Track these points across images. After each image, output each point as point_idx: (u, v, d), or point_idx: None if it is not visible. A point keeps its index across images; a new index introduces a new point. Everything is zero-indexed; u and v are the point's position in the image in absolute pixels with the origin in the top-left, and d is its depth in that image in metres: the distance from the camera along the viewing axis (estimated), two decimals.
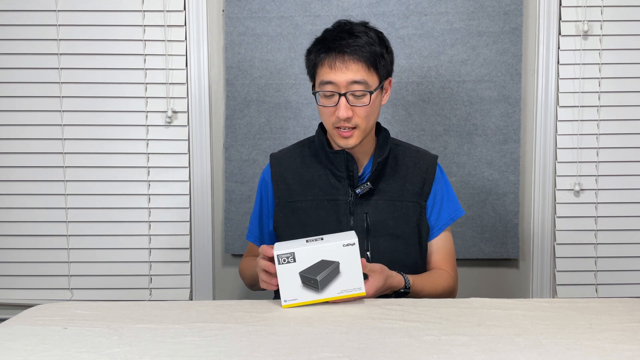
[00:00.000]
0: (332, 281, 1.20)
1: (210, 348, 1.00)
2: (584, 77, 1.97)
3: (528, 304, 1.22)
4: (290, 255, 1.19)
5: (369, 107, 1.35)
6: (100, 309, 1.21)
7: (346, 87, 1.33)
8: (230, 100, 1.99)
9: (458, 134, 1.98)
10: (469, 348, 0.99)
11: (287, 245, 1.22)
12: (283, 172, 1.48)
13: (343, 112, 1.33)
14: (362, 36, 1.34)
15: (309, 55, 1.41)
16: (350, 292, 1.21)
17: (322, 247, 1.19)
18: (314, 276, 1.18)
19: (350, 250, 1.20)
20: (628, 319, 1.13)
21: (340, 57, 1.33)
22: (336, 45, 1.34)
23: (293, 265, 1.19)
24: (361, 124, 1.36)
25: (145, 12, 1.98)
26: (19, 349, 1.01)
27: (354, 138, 1.37)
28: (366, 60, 1.33)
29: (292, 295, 1.20)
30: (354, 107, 1.34)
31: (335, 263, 1.20)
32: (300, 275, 1.20)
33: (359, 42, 1.33)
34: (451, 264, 1.49)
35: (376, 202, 1.42)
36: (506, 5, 1.94)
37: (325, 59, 1.35)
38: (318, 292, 1.20)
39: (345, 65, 1.33)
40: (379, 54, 1.35)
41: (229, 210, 2.02)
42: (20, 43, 1.99)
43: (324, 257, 1.20)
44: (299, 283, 1.20)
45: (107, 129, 2.01)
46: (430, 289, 1.39)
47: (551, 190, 2.02)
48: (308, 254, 1.19)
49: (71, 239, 2.04)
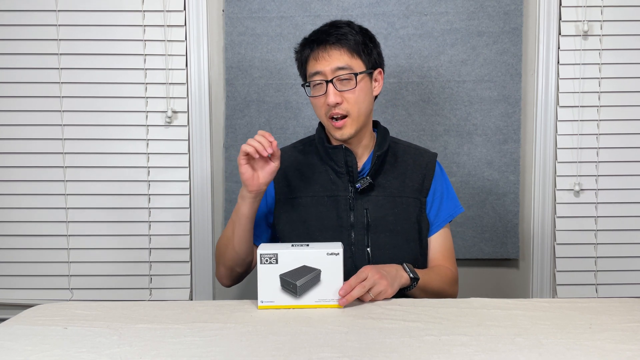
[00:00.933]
0: (311, 288, 1.20)
1: (210, 348, 1.00)
2: (584, 77, 1.97)
3: (528, 304, 1.22)
4: (273, 256, 1.19)
5: (356, 91, 1.38)
6: (100, 309, 1.21)
7: (332, 74, 1.37)
8: (230, 100, 1.99)
9: (458, 134, 1.98)
10: (469, 348, 0.99)
11: (272, 247, 1.23)
12: (284, 169, 1.48)
13: (332, 98, 1.36)
14: (344, 27, 1.40)
15: (297, 54, 1.46)
16: (328, 302, 1.20)
17: (306, 252, 1.20)
18: (294, 281, 1.18)
19: (333, 260, 1.20)
20: (628, 319, 1.13)
21: (323, 48, 1.39)
22: (318, 38, 1.40)
23: (275, 266, 1.19)
24: (351, 110, 1.38)
25: (145, 12, 1.98)
26: (19, 349, 1.01)
27: (347, 127, 1.39)
28: (348, 47, 1.38)
29: (270, 297, 1.20)
30: (342, 93, 1.37)
31: (317, 271, 1.20)
32: (280, 277, 1.20)
33: (341, 32, 1.39)
34: (451, 260, 1.50)
35: (376, 198, 1.43)
36: (506, 5, 1.94)
37: (311, 53, 1.41)
38: (295, 298, 1.20)
39: (328, 53, 1.38)
40: (361, 42, 1.40)
41: (229, 210, 2.02)
42: (20, 43, 1.99)
43: (307, 263, 1.20)
44: (278, 285, 1.20)
45: (107, 129, 2.01)
46: (436, 284, 1.40)
47: (551, 190, 2.02)
48: (291, 257, 1.19)
49: (71, 239, 2.04)
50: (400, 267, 1.32)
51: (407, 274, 1.31)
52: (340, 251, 1.20)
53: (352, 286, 1.21)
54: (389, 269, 1.29)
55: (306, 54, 1.42)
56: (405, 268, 1.33)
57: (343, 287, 1.20)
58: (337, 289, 1.20)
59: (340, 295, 1.20)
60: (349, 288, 1.20)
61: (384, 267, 1.29)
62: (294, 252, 1.20)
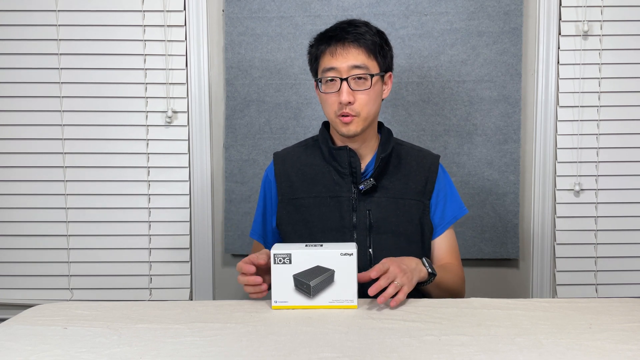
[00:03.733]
0: (324, 289, 1.19)
1: (210, 348, 1.00)
2: (584, 77, 1.97)
3: (528, 304, 1.22)
4: (286, 256, 1.19)
5: (370, 92, 1.37)
6: (100, 309, 1.21)
7: (347, 72, 1.36)
8: (230, 100, 1.99)
9: (458, 134, 1.98)
10: (469, 348, 0.99)
11: (286, 247, 1.22)
12: (287, 170, 1.48)
13: (345, 97, 1.35)
14: (362, 27, 1.39)
15: (311, 48, 1.44)
16: (342, 303, 1.20)
17: (320, 252, 1.19)
18: (308, 281, 1.18)
19: (347, 260, 1.19)
20: (628, 319, 1.13)
21: (341, 44, 1.37)
22: (337, 34, 1.38)
23: (288, 266, 1.19)
24: (362, 111, 1.38)
25: (145, 12, 1.98)
26: (19, 349, 1.01)
27: (355, 125, 1.38)
28: (366, 47, 1.37)
29: (283, 297, 1.20)
30: (355, 93, 1.37)
31: (331, 271, 1.19)
32: (293, 277, 1.19)
33: (359, 31, 1.38)
34: (457, 260, 1.50)
35: (379, 200, 1.43)
36: (506, 5, 1.94)
37: (327, 49, 1.39)
38: (309, 298, 1.19)
39: (346, 50, 1.37)
40: (378, 43, 1.39)
41: (229, 210, 2.02)
42: (20, 43, 1.99)
43: (321, 263, 1.19)
44: (292, 286, 1.20)
45: (107, 129, 2.01)
46: (449, 281, 1.39)
47: (551, 190, 2.02)
48: (305, 257, 1.19)
49: (71, 239, 2.04)
50: (419, 261, 1.31)
51: (425, 269, 1.30)
52: (354, 251, 1.19)
53: (382, 285, 1.18)
54: (408, 262, 1.27)
55: (322, 49, 1.40)
56: (424, 262, 1.32)
57: (373, 286, 1.18)
58: (351, 289, 1.19)
59: (370, 294, 1.17)
60: (379, 287, 1.18)
61: (404, 261, 1.27)
62: (307, 252, 1.19)
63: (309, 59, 1.46)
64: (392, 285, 1.19)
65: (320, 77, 1.40)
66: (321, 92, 1.40)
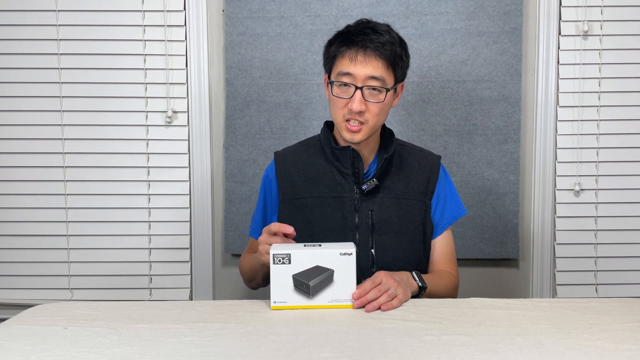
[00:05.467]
0: (324, 289, 1.19)
1: (210, 348, 1.00)
2: (584, 77, 1.97)
3: (528, 304, 1.22)
4: (286, 256, 1.19)
5: (382, 105, 1.36)
6: (100, 309, 1.21)
7: (363, 81, 1.34)
8: (230, 100, 1.99)
9: (458, 134, 1.98)
10: (469, 348, 0.99)
11: (285, 247, 1.22)
12: (288, 169, 1.48)
13: (357, 105, 1.33)
14: (385, 35, 1.36)
15: (330, 46, 1.41)
16: (341, 302, 1.20)
17: (319, 252, 1.19)
18: (307, 281, 1.18)
19: (346, 260, 1.19)
20: (628, 319, 1.13)
21: (362, 51, 1.34)
22: (359, 39, 1.35)
23: (287, 266, 1.19)
24: (371, 120, 1.37)
25: (145, 12, 1.98)
26: (19, 349, 1.01)
27: (361, 134, 1.38)
28: (386, 58, 1.35)
29: (282, 298, 1.20)
30: (367, 102, 1.35)
31: (330, 271, 1.19)
32: (293, 277, 1.19)
33: (382, 40, 1.35)
34: (453, 263, 1.50)
35: (381, 200, 1.43)
36: (506, 5, 1.94)
37: (347, 52, 1.36)
38: (308, 298, 1.19)
39: (367, 59, 1.34)
40: (399, 55, 1.37)
41: (229, 210, 2.02)
42: (20, 43, 1.99)
43: (320, 263, 1.19)
44: (291, 286, 1.20)
45: (107, 129, 2.01)
46: (441, 290, 1.40)
47: (551, 190, 2.02)
48: (304, 257, 1.19)
49: (71, 239, 2.04)
50: (410, 275, 1.32)
51: (416, 283, 1.32)
52: (353, 251, 1.19)
53: (367, 290, 1.20)
54: (400, 275, 1.29)
55: (342, 51, 1.36)
56: (414, 276, 1.33)
57: (357, 290, 1.20)
58: (350, 289, 1.20)
59: (353, 298, 1.20)
60: (363, 292, 1.20)
61: (396, 274, 1.29)
62: (306, 252, 1.19)
63: (324, 55, 1.43)
64: (386, 294, 1.20)
65: (334, 79, 1.38)
66: (332, 94, 1.38)
